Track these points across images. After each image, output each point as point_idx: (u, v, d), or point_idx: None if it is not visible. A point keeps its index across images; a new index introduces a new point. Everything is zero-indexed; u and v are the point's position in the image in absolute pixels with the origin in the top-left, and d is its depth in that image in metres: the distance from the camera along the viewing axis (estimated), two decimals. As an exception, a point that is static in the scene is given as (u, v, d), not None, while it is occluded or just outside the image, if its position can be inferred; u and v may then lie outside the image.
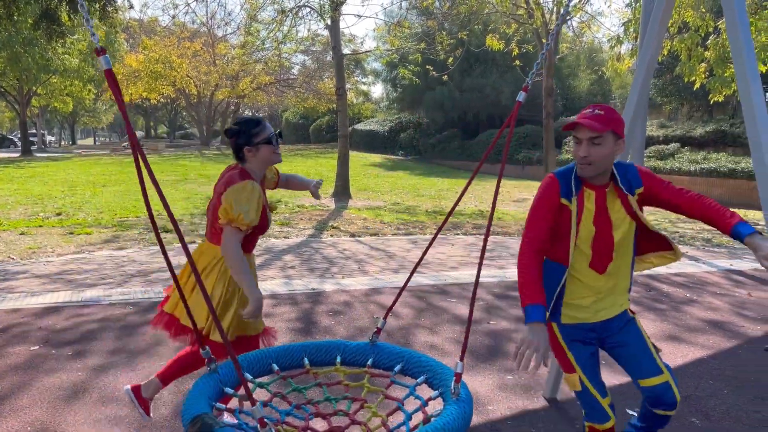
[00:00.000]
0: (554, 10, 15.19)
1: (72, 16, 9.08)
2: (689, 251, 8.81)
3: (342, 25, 20.86)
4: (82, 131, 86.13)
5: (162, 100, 39.63)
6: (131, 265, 6.90)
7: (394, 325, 4.78)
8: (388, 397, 2.17)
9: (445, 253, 8.13)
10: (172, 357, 3.17)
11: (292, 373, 2.23)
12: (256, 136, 2.62)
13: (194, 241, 8.58)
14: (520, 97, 2.11)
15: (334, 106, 29.83)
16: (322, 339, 4.47)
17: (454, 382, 1.92)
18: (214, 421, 1.69)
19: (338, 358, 2.28)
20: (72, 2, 8.49)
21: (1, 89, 32.92)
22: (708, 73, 11.17)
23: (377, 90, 77.98)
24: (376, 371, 2.22)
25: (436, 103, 28.95)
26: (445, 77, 20.82)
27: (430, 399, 2.05)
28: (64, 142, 64.88)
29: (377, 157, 29.49)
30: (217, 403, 1.92)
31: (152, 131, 55.17)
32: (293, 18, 15.23)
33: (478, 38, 20.24)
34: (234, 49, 31.22)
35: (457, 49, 16.64)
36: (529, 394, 3.58)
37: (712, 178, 16.14)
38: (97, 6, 8.66)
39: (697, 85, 11.36)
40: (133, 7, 44.44)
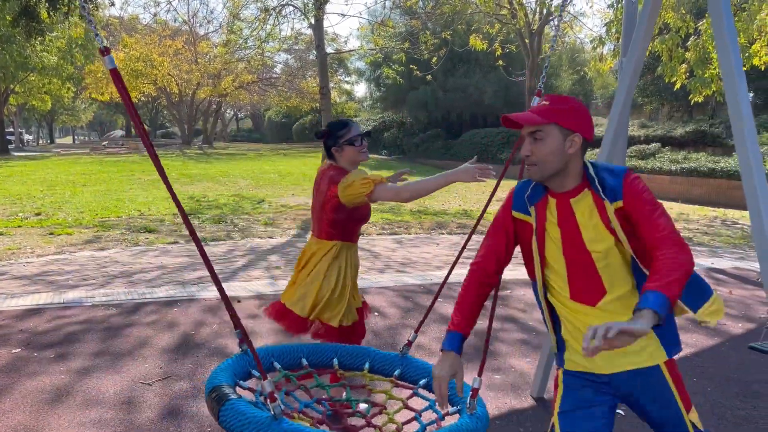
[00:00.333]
0: (537, 10, 15.30)
1: (51, 14, 8.94)
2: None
3: (326, 24, 20.80)
4: (60, 130, 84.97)
5: (143, 98, 39.22)
6: (114, 266, 6.81)
7: (381, 325, 4.77)
8: (407, 407, 2.21)
9: (431, 253, 8.14)
10: (160, 358, 3.12)
11: (320, 371, 2.28)
12: (341, 137, 2.81)
13: (177, 241, 8.50)
14: (534, 103, 2.12)
15: (317, 105, 29.77)
16: (308, 338, 4.45)
17: (470, 397, 1.93)
18: (231, 391, 1.75)
19: (367, 365, 2.32)
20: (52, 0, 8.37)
21: (-22, 87, 32.38)
22: (689, 74, 11.31)
23: (360, 89, 77.93)
24: (402, 383, 2.28)
25: (420, 103, 29.00)
26: (429, 77, 20.86)
27: (447, 414, 2.08)
28: (42, 141, 64.00)
29: (361, 157, 29.45)
30: (242, 382, 1.98)
31: (132, 130, 54.63)
32: (276, 16, 15.15)
33: (461, 38, 20.30)
34: (216, 47, 30.97)
35: (440, 48, 16.67)
36: (517, 393, 3.60)
37: (693, 177, 16.35)
38: (76, 3, 8.54)
39: (678, 86, 11.50)
40: (114, 5, 43.90)
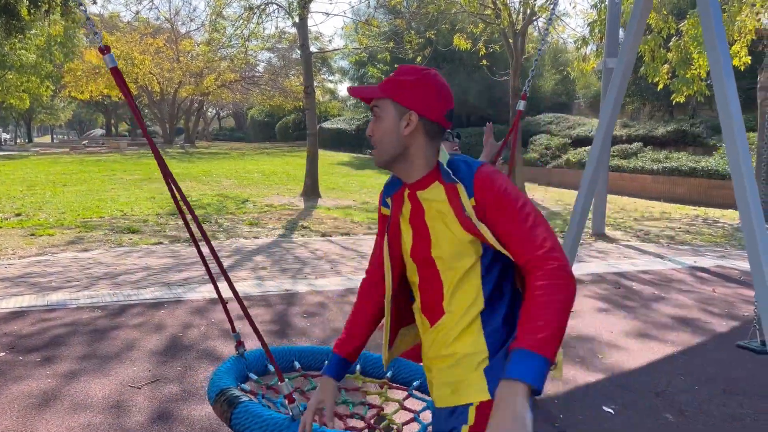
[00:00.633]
0: (521, 11, 15.36)
1: (31, 11, 8.80)
2: (654, 249, 9.01)
3: (310, 23, 20.71)
4: (38, 129, 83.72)
5: (123, 97, 38.73)
6: (97, 267, 6.72)
7: (371, 326, 4.76)
8: (404, 408, 2.21)
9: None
10: (148, 361, 3.08)
11: (312, 374, 2.28)
12: None
13: (161, 242, 8.41)
14: (520, 106, 2.14)
15: (300, 104, 29.64)
16: (298, 341, 4.43)
17: None
18: (241, 394, 1.75)
19: (358, 367, 2.32)
20: (33, -3, 8.24)
21: (-46, 85, 31.78)
22: (671, 74, 11.44)
23: (344, 88, 77.72)
24: (395, 384, 2.29)
25: (404, 102, 28.99)
26: (413, 76, 20.78)
27: None
28: (20, 140, 63.00)
29: (345, 156, 29.36)
30: (242, 385, 2.00)
31: (113, 129, 53.92)
32: (260, 15, 15.05)
33: (445, 38, 20.33)
34: (198, 45, 30.71)
35: (425, 48, 16.68)
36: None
37: (674, 176, 16.55)
38: (58, 1, 8.41)
39: (660, 86, 11.63)
40: (96, 2, 43.37)
